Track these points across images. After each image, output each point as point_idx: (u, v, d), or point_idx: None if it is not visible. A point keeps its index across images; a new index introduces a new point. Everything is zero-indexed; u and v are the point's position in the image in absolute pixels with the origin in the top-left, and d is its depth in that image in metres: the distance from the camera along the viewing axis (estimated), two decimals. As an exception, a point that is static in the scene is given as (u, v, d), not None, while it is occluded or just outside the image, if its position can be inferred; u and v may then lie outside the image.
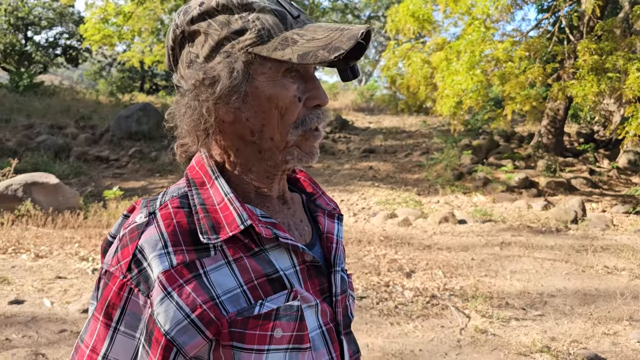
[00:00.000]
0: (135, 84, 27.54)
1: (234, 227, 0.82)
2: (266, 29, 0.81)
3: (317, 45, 0.78)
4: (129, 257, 0.80)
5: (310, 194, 1.05)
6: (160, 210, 0.84)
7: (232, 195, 0.85)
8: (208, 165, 0.90)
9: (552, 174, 11.32)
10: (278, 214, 0.93)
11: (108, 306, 0.80)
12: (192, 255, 0.80)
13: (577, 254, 5.95)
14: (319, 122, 0.87)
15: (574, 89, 8.87)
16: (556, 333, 3.87)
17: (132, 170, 12.57)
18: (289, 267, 0.86)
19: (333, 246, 0.97)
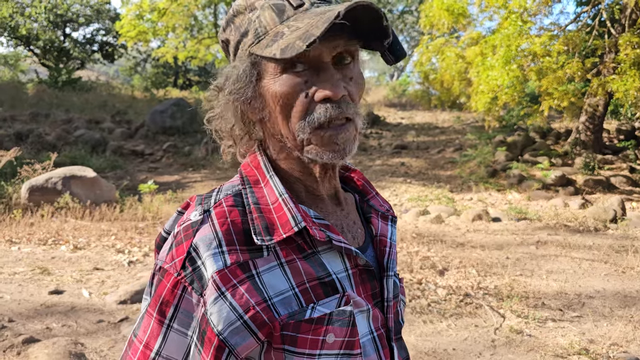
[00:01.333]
0: (169, 79, 27.97)
1: (288, 228, 0.81)
2: (262, 27, 0.80)
3: (296, 36, 0.74)
4: (183, 254, 0.79)
5: (363, 194, 1.03)
6: (214, 208, 0.83)
7: (287, 195, 0.84)
8: (263, 163, 0.89)
9: (591, 172, 11.01)
10: (331, 215, 0.91)
11: (162, 303, 0.80)
12: (246, 256, 0.79)
13: (616, 254, 5.78)
14: (328, 116, 0.80)
15: (614, 84, 8.61)
16: (595, 335, 3.77)
17: (166, 165, 12.78)
18: (341, 271, 0.85)
19: (386, 250, 0.94)
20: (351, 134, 0.83)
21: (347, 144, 0.83)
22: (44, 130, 13.71)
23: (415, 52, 16.07)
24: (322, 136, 0.81)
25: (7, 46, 26.35)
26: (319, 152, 0.82)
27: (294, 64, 0.79)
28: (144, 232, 6.25)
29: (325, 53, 0.79)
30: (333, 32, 0.75)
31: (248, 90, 0.83)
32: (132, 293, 4.26)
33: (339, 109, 0.80)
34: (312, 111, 0.80)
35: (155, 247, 0.91)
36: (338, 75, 0.80)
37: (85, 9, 24.96)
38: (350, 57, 0.83)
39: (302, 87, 0.80)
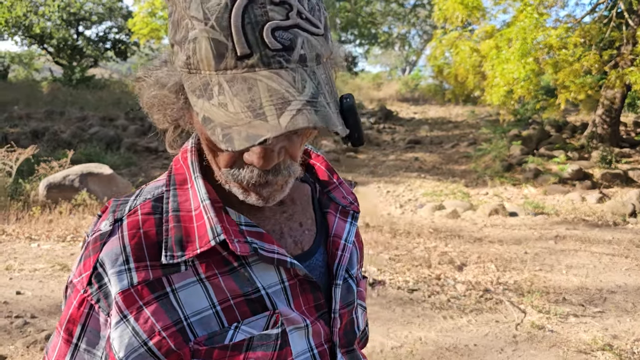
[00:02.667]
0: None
1: (204, 242, 0.71)
2: (195, 60, 0.61)
3: (220, 120, 0.58)
4: (89, 270, 0.72)
5: (324, 185, 0.90)
6: (128, 217, 0.74)
7: (208, 202, 0.73)
8: (190, 160, 0.78)
9: (608, 165, 10.88)
10: (268, 220, 0.81)
11: (69, 321, 0.74)
12: (158, 272, 0.71)
13: (637, 249, 5.70)
14: (253, 182, 0.69)
15: (633, 76, 8.49)
16: (618, 331, 3.72)
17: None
18: (275, 284, 0.76)
19: (338, 253, 0.84)
20: (279, 186, 0.72)
21: (272, 195, 0.72)
22: (59, 128, 13.84)
23: (428, 46, 15.97)
24: (246, 188, 0.71)
25: (21, 45, 26.58)
26: (242, 194, 0.72)
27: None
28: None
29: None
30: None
31: (176, 104, 0.70)
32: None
33: (265, 177, 0.69)
34: (239, 167, 0.69)
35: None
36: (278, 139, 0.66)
37: (97, 7, 25.11)
38: None
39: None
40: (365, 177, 10.71)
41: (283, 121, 0.56)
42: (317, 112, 0.57)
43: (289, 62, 0.59)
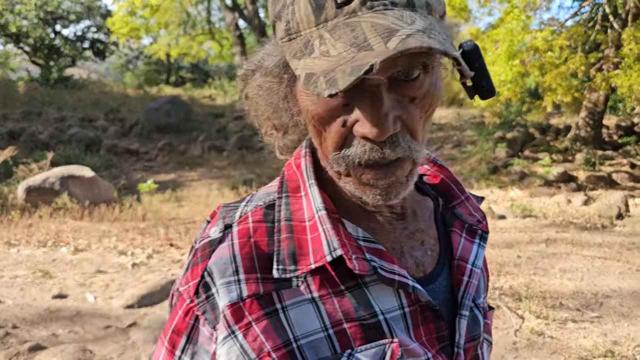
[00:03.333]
0: (161, 76, 27.70)
1: (320, 256, 0.64)
2: (295, 22, 0.58)
3: (322, 69, 0.53)
4: (197, 278, 0.66)
5: (449, 199, 0.80)
6: (238, 223, 0.68)
7: (324, 212, 0.66)
8: (304, 166, 0.71)
9: (592, 168, 10.97)
10: (387, 235, 0.71)
11: (173, 331, 0.69)
12: (269, 286, 0.64)
13: (628, 252, 5.70)
14: (366, 158, 0.60)
15: (618, 79, 8.56)
16: (618, 336, 3.68)
17: (161, 163, 12.61)
18: (394, 309, 0.67)
19: (464, 279, 0.73)
20: (399, 177, 0.62)
21: (392, 189, 0.62)
22: (37, 129, 13.49)
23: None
24: (360, 176, 0.62)
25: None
26: (357, 189, 0.64)
27: None
28: (146, 233, 6.10)
29: (377, 73, 0.56)
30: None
31: (279, 89, 0.67)
32: (138, 297, 4.12)
33: (381, 152, 0.59)
34: (350, 145, 0.61)
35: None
36: (389, 103, 0.57)
37: (75, 6, 24.65)
38: (419, 69, 0.58)
39: (339, 111, 0.60)
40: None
41: (391, 44, 0.51)
42: (430, 38, 0.52)
43: (395, 5, 0.56)
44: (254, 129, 0.67)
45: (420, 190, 0.80)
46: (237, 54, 20.56)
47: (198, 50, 22.42)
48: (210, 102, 20.29)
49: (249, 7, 17.75)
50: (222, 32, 22.77)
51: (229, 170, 11.68)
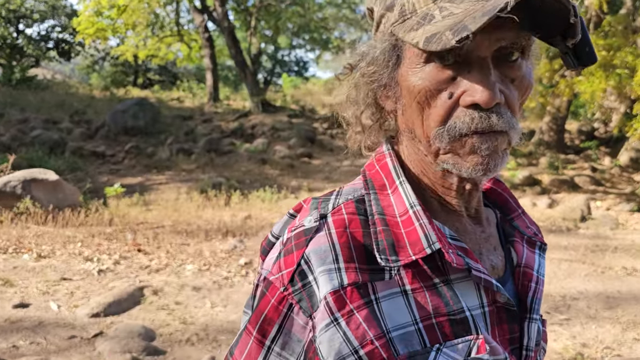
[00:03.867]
0: (128, 78, 27.20)
1: (419, 249, 0.66)
2: (411, 3, 0.64)
3: (447, 25, 0.59)
4: (292, 266, 0.67)
5: (506, 212, 0.84)
6: (332, 214, 0.70)
7: (420, 207, 0.68)
8: (392, 165, 0.74)
9: (555, 172, 11.25)
10: (469, 236, 0.74)
11: (264, 321, 0.68)
12: (365, 277, 0.65)
13: (592, 254, 5.84)
14: (473, 127, 0.63)
15: (581, 85, 8.78)
16: (586, 339, 3.75)
17: (128, 166, 12.34)
18: (476, 307, 0.69)
19: (531, 285, 0.76)
20: (499, 147, 0.65)
21: (492, 158, 0.65)
22: (-2, 130, 13.04)
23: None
24: (463, 144, 0.65)
25: (-46, 42, 25.05)
26: (456, 163, 0.66)
27: (442, 54, 0.63)
28: (113, 238, 5.94)
29: (484, 46, 0.62)
30: (498, 20, 0.58)
31: (383, 75, 0.70)
32: (105, 305, 4.00)
33: (488, 120, 0.63)
34: (454, 117, 0.64)
35: (261, 252, 0.77)
36: (495, 76, 0.63)
37: (39, 5, 24.02)
38: (518, 53, 0.65)
39: (446, 84, 0.64)
40: (321, 183, 10.62)
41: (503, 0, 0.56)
42: None
43: None
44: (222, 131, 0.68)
45: (484, 203, 0.82)
46: (206, 57, 20.34)
47: (166, 52, 22.07)
48: (179, 104, 20.01)
49: (218, 9, 17.58)
50: (190, 34, 22.48)
51: (198, 173, 11.51)
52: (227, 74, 31.18)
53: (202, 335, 3.68)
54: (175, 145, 13.30)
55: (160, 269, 5.01)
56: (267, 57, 31.16)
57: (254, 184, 10.38)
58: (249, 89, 18.42)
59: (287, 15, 22.20)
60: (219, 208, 8.00)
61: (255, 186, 9.93)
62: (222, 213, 7.61)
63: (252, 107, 17.69)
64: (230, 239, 6.18)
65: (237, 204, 8.16)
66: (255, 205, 8.17)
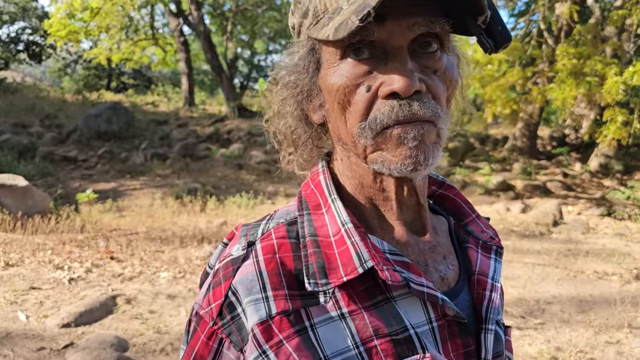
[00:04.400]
0: (101, 82, 26.78)
1: (350, 269, 0.62)
2: (322, 3, 0.64)
3: (351, 10, 0.58)
4: (220, 298, 0.64)
5: (460, 218, 0.81)
6: (261, 240, 0.67)
7: (351, 225, 0.65)
8: (324, 182, 0.71)
9: (528, 177, 11.43)
10: (411, 248, 0.71)
11: (195, 358, 0.65)
12: (297, 303, 0.62)
13: (565, 258, 5.94)
14: (393, 117, 0.61)
15: (553, 92, 8.95)
16: (560, 342, 3.79)
17: (101, 172, 12.13)
18: (422, 323, 0.65)
19: (486, 294, 0.73)
20: (427, 137, 0.62)
21: (420, 150, 0.62)
22: (-36, 134, 12.69)
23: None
24: (389, 137, 0.62)
25: None
26: (385, 160, 0.63)
27: (358, 49, 0.62)
28: (85, 246, 5.81)
29: (398, 35, 0.60)
30: (409, 6, 0.59)
31: (304, 82, 0.67)
32: (76, 315, 3.89)
33: (409, 107, 0.61)
34: (374, 109, 0.62)
35: (200, 284, 0.75)
36: (413, 65, 0.61)
37: (9, 6, 23.49)
38: (437, 44, 0.63)
39: (363, 78, 0.62)
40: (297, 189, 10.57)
41: None
42: None
43: None
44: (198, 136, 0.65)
45: (433, 210, 0.81)
46: (182, 61, 20.16)
47: (141, 56, 21.82)
48: (153, 108, 19.78)
49: (194, 13, 17.45)
50: (166, 38, 22.27)
51: (173, 178, 11.37)
52: (203, 78, 30.97)
53: (177, 345, 3.61)
54: (149, 150, 13.13)
55: (134, 277, 4.91)
56: (244, 62, 31.06)
57: (230, 189, 10.30)
58: (225, 94, 18.32)
59: (263, 20, 22.17)
60: (194, 214, 7.91)
61: (232, 192, 9.85)
62: (197, 219, 7.52)
63: (228, 112, 17.58)
64: (206, 245, 6.11)
65: (212, 209, 8.07)
66: (231, 211, 8.10)
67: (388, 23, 0.59)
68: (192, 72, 20.79)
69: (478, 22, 0.62)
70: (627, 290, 4.88)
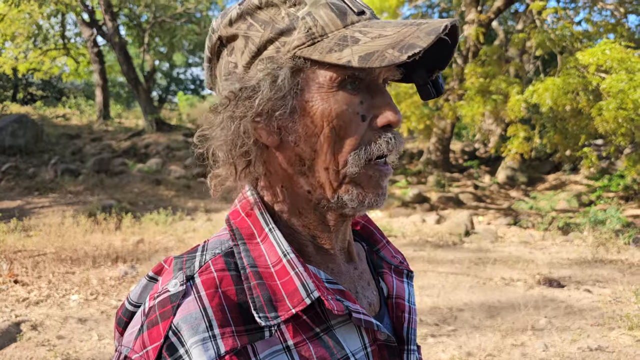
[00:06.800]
0: (6, 92, 25.12)
1: (297, 300, 0.63)
2: (319, 27, 0.64)
3: (385, 44, 0.60)
4: (159, 340, 0.59)
5: (372, 244, 0.84)
6: (200, 274, 0.64)
7: (294, 255, 0.65)
8: (259, 212, 0.70)
9: (442, 189, 11.96)
10: (344, 277, 0.73)
11: None
12: (244, 339, 0.60)
13: (476, 266, 6.26)
14: (390, 149, 0.66)
15: (462, 109, 9.47)
16: (471, 347, 3.99)
17: (6, 188, 11.36)
18: (359, 349, 0.68)
19: (405, 316, 0.77)
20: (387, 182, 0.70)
21: (385, 191, 0.69)
22: None
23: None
24: (371, 175, 0.66)
25: None
26: (360, 193, 0.66)
27: (354, 81, 0.65)
28: (-15, 270, 5.41)
29: (381, 74, 0.67)
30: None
31: (281, 102, 0.65)
32: (-26, 345, 3.61)
33: (400, 141, 0.68)
34: (371, 140, 0.66)
35: (116, 322, 0.69)
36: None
37: None
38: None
39: (358, 107, 0.65)
40: (218, 204, 10.42)
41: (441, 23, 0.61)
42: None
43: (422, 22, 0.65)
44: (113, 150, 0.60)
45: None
46: (96, 72, 19.38)
47: (51, 66, 20.74)
48: (65, 121, 18.82)
49: (108, 23, 16.84)
50: (78, 49, 21.32)
51: (86, 195, 10.84)
52: (119, 90, 29.87)
53: (88, 371, 3.45)
54: (60, 165, 12.46)
55: (41, 301, 4.63)
56: (162, 75, 30.32)
57: (148, 205, 9.98)
58: (142, 107, 17.77)
59: (182, 33, 21.78)
60: (108, 232, 7.58)
61: (149, 208, 9.55)
62: (112, 238, 7.22)
63: (145, 126, 17.07)
64: (121, 265, 5.87)
65: (128, 227, 7.78)
66: (148, 228, 7.84)
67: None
68: (107, 84, 20.01)
69: (432, 76, 0.71)
70: (531, 295, 5.22)
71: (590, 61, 7.65)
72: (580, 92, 8.24)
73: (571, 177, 13.44)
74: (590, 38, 10.23)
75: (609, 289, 5.32)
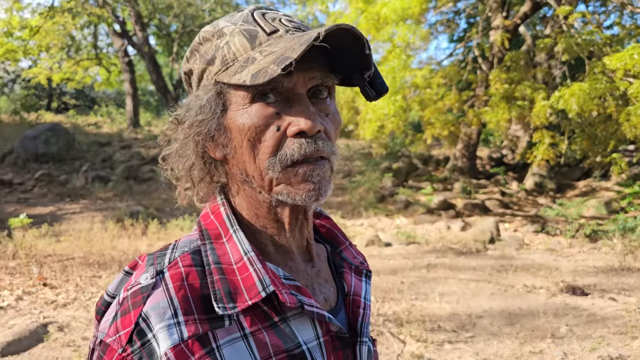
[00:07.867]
0: (41, 102, 25.93)
1: (254, 293, 0.71)
2: (231, 53, 0.73)
3: (270, 60, 0.67)
4: (130, 326, 0.67)
5: (335, 245, 0.93)
6: (169, 269, 0.72)
7: (253, 253, 0.74)
8: (225, 214, 0.78)
9: (468, 196, 11.84)
10: (301, 274, 0.81)
11: None
12: (205, 326, 0.69)
13: (498, 274, 6.20)
14: (302, 153, 0.71)
15: (487, 115, 9.38)
16: (488, 354, 3.96)
17: (39, 195, 11.73)
18: (312, 339, 0.75)
19: (360, 311, 0.85)
20: (327, 173, 0.74)
21: (322, 183, 0.73)
22: None
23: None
24: (295, 173, 0.72)
25: None
26: (290, 192, 0.73)
27: (265, 94, 0.71)
28: (16, 273, 5.61)
29: (300, 84, 0.72)
30: (309, 62, 0.70)
31: (212, 122, 0.74)
32: (3, 345, 3.76)
33: (314, 145, 0.72)
34: (284, 147, 0.72)
35: (96, 313, 0.77)
36: (313, 108, 0.73)
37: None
38: (326, 92, 0.76)
39: (273, 119, 0.72)
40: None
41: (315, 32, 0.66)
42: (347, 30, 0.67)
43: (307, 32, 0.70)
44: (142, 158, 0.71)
45: (315, 240, 0.91)
46: (126, 81, 19.84)
47: (83, 76, 21.35)
48: (96, 130, 19.30)
49: (138, 34, 17.27)
50: (110, 58, 21.90)
51: (115, 201, 11.12)
52: (149, 99, 30.51)
53: (110, 371, 3.55)
54: (91, 172, 12.81)
55: (68, 304, 4.79)
56: (191, 83, 30.76)
57: (174, 212, 10.17)
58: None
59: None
60: (135, 238, 7.76)
61: (176, 214, 9.73)
62: (138, 243, 7.39)
63: (173, 133, 17.35)
64: (146, 269, 6.01)
65: (154, 233, 7.95)
66: (173, 234, 7.99)
67: (294, 75, 0.70)
68: (137, 92, 20.48)
69: (365, 76, 0.75)
70: (553, 302, 5.14)
71: (617, 66, 7.51)
72: (608, 97, 8.09)
73: (602, 183, 13.14)
74: (619, 42, 10.03)
75: (634, 298, 5.20)
